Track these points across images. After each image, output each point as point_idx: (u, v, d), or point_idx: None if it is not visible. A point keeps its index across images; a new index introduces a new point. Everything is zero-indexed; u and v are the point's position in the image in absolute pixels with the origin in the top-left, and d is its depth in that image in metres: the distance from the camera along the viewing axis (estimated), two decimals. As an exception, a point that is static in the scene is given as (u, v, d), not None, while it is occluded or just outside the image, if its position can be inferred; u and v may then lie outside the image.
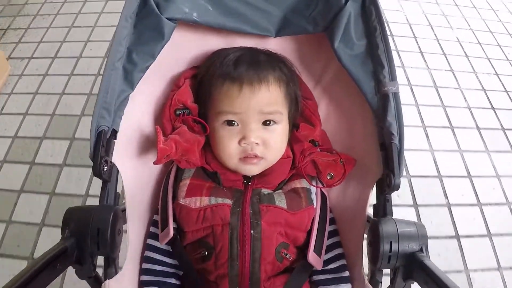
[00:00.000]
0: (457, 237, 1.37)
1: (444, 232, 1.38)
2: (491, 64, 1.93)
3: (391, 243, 0.69)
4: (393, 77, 0.74)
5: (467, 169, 1.54)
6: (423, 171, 1.53)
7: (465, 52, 1.97)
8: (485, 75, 1.88)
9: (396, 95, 0.73)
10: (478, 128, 1.67)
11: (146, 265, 0.79)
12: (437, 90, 1.79)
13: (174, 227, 0.76)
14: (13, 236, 1.37)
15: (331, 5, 0.79)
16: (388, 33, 0.76)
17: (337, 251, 0.81)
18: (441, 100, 1.75)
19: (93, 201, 1.42)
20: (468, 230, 1.39)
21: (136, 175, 0.80)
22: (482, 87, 1.83)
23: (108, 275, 0.71)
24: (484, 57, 1.96)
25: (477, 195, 1.47)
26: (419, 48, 1.96)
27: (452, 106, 1.73)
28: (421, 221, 1.38)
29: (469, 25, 2.12)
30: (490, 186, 1.51)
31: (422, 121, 1.67)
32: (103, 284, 0.70)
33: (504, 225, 1.41)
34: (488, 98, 1.78)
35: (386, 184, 0.71)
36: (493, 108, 1.75)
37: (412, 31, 2.04)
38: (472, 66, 1.90)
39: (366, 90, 0.75)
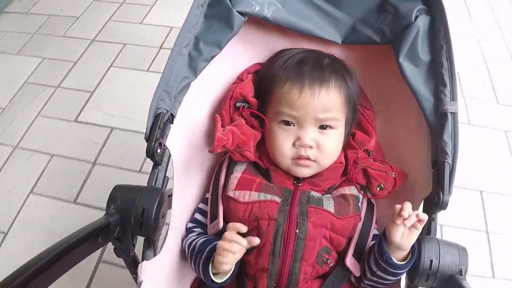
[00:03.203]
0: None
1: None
2: None
3: (431, 261, 0.69)
4: (453, 97, 0.74)
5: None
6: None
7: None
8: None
9: (454, 115, 0.73)
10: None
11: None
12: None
13: None
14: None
15: (401, 19, 0.80)
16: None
17: None
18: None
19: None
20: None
21: (187, 162, 0.81)
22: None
23: (146, 256, 0.72)
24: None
25: None
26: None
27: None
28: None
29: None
30: None
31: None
32: (139, 265, 0.70)
33: None
34: None
35: (434, 203, 0.71)
36: None
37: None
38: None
39: (425, 107, 0.76)
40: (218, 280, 0.70)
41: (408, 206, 0.66)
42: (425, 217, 0.66)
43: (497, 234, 1.40)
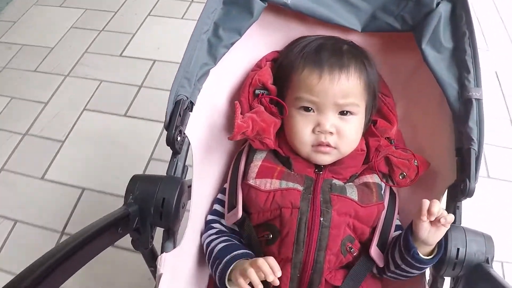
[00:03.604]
0: None
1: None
2: None
3: (458, 250, 0.68)
4: (478, 83, 0.73)
5: None
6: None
7: None
8: None
9: (479, 101, 0.72)
10: None
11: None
12: None
13: None
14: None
15: (422, 6, 0.79)
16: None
17: None
18: None
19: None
20: None
21: (206, 151, 0.80)
22: None
23: (165, 248, 0.71)
24: None
25: None
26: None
27: None
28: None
29: None
30: None
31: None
32: (159, 257, 0.68)
33: None
34: None
35: (460, 190, 0.70)
36: None
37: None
38: None
39: (449, 94, 0.75)
40: None
41: (435, 206, 0.64)
42: (451, 218, 0.64)
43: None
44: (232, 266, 0.69)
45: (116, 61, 1.91)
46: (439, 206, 0.65)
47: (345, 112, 0.77)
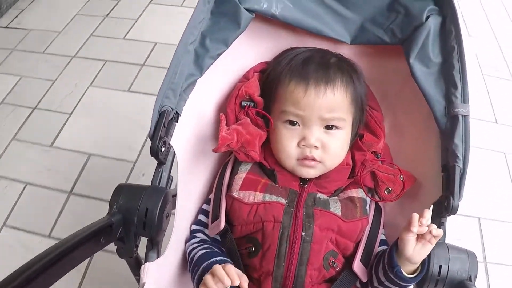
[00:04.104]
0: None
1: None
2: None
3: (440, 267, 0.68)
4: (465, 99, 0.72)
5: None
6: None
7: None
8: None
9: (466, 118, 0.71)
10: None
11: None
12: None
13: None
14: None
15: (412, 19, 0.78)
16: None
17: None
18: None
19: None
20: None
21: (192, 161, 0.80)
22: None
23: (149, 257, 0.71)
24: None
25: None
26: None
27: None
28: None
29: None
30: None
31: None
32: (142, 266, 0.69)
33: None
34: None
35: (444, 207, 0.69)
36: None
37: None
38: None
39: (436, 109, 0.74)
40: None
41: (427, 213, 0.63)
42: (440, 232, 0.64)
43: (496, 264, 1.33)
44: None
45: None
46: (430, 214, 0.65)
47: (330, 126, 0.76)
